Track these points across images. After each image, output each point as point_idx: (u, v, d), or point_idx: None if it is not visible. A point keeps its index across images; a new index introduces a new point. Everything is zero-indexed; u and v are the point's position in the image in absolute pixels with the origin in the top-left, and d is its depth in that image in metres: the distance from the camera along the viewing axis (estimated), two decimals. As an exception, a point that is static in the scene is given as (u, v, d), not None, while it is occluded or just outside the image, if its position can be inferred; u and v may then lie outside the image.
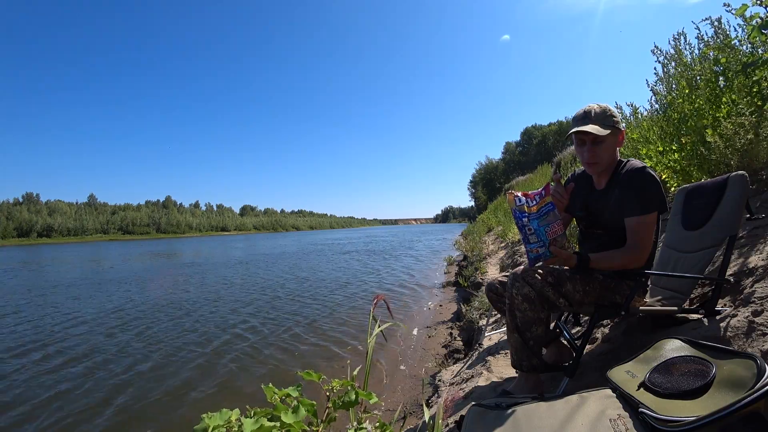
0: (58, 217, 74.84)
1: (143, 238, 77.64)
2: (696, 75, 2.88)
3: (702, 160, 2.62)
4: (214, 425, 0.70)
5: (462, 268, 8.23)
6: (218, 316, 6.22)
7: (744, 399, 0.77)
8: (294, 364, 3.96)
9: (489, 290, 1.78)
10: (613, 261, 1.43)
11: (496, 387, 1.84)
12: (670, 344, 1.14)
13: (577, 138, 1.53)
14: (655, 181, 1.42)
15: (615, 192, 1.51)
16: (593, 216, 1.62)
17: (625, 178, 1.47)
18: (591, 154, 1.49)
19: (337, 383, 0.95)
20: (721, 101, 2.53)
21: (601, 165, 1.52)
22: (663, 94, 3.40)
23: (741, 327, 1.29)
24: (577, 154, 1.59)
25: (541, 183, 11.88)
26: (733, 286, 1.65)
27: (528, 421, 0.99)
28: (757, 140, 2.28)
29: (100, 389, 3.50)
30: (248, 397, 3.21)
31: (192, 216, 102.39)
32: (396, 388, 3.23)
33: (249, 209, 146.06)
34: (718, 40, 2.75)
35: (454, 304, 5.97)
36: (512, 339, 1.51)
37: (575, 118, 1.53)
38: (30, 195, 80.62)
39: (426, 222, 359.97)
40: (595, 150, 1.49)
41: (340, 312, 6.11)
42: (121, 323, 5.87)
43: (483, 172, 56.39)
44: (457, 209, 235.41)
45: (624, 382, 1.07)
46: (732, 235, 1.49)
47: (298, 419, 0.76)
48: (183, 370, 3.89)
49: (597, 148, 1.48)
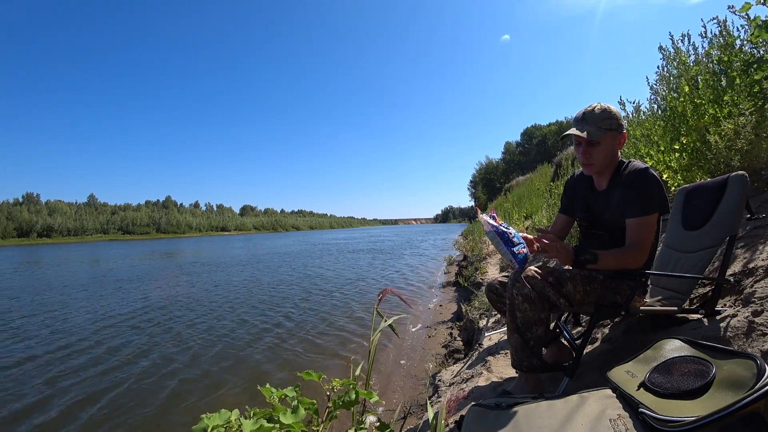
0: (58, 217, 74.81)
1: (143, 238, 77.63)
2: (696, 74, 2.88)
3: (702, 160, 2.62)
4: (213, 425, 0.70)
5: (462, 268, 8.23)
6: (257, 311, 6.44)
7: (744, 399, 0.77)
8: (302, 362, 4.02)
9: (489, 290, 1.78)
10: (612, 261, 1.43)
11: (496, 387, 1.84)
12: (670, 344, 1.14)
13: (574, 138, 1.54)
14: (657, 182, 1.42)
15: (616, 193, 1.50)
16: (594, 216, 1.61)
17: (627, 179, 1.47)
18: (585, 156, 1.51)
19: (338, 383, 0.95)
20: (723, 101, 2.53)
21: (596, 167, 1.53)
22: (663, 93, 3.40)
23: (741, 327, 1.29)
24: (576, 154, 1.59)
25: (541, 183, 11.88)
26: (733, 286, 1.65)
27: (528, 421, 0.99)
28: (758, 140, 2.28)
29: (154, 379, 3.69)
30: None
31: (192, 216, 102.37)
32: (396, 388, 3.23)
33: (249, 209, 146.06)
34: (721, 39, 2.75)
35: (454, 304, 5.97)
36: (512, 339, 1.51)
37: (575, 119, 1.53)
38: (30, 195, 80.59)
39: (426, 222, 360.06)
40: (590, 152, 1.49)
41: (353, 309, 6.26)
42: (160, 319, 6.06)
43: (483, 172, 56.41)
44: (457, 209, 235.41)
45: (624, 382, 1.07)
46: (732, 235, 1.49)
47: (297, 420, 0.76)
48: (216, 361, 4.11)
49: (592, 150, 1.49)
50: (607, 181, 1.57)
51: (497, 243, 1.49)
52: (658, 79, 3.45)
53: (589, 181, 1.67)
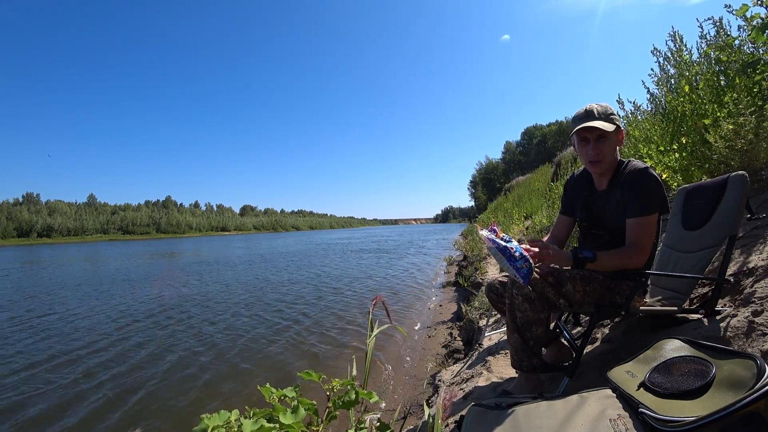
0: (58, 217, 74.74)
1: (143, 238, 77.58)
2: (696, 74, 2.87)
3: (702, 160, 2.62)
4: (213, 426, 0.70)
5: (462, 268, 8.23)
6: (272, 308, 6.55)
7: (744, 399, 0.77)
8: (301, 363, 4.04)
9: (489, 290, 1.78)
10: (612, 261, 1.42)
11: (496, 387, 1.84)
12: (670, 344, 1.14)
13: (579, 137, 1.50)
14: (658, 182, 1.42)
15: (617, 193, 1.50)
16: (594, 217, 1.61)
17: (627, 179, 1.46)
18: (596, 152, 1.47)
19: (338, 383, 0.95)
20: (722, 101, 2.53)
21: (605, 163, 1.50)
22: (662, 93, 3.39)
23: (741, 327, 1.29)
24: (579, 154, 1.57)
25: (541, 183, 11.86)
26: (733, 286, 1.64)
27: (528, 421, 0.99)
28: (758, 140, 2.28)
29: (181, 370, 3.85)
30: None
31: (192, 216, 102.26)
32: (396, 388, 3.23)
33: (249, 209, 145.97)
34: (720, 40, 2.75)
35: (454, 304, 5.97)
36: (512, 339, 1.51)
37: (577, 118, 1.51)
38: (30, 195, 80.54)
39: (426, 222, 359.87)
40: (599, 147, 1.47)
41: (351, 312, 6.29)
42: (179, 317, 6.18)
43: (483, 173, 56.45)
44: (457, 209, 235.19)
45: (624, 382, 1.07)
46: (732, 235, 1.49)
47: (297, 420, 0.75)
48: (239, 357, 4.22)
49: (602, 145, 1.47)
50: (607, 180, 1.56)
51: (500, 259, 1.42)
52: (658, 80, 3.45)
53: (588, 181, 1.66)
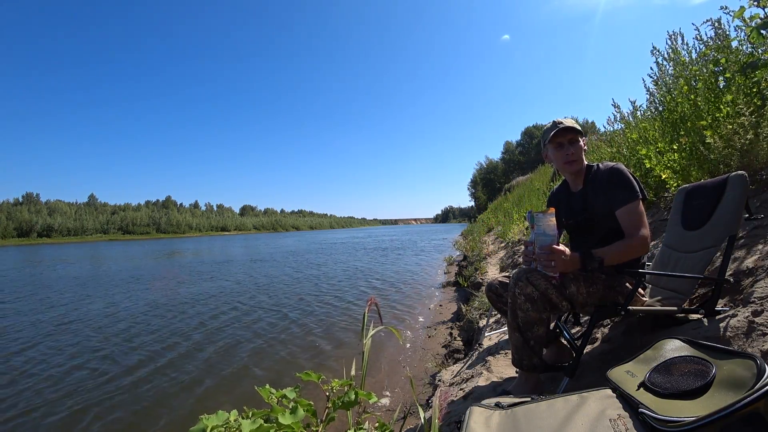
0: (58, 217, 74.73)
1: (143, 238, 77.57)
2: (695, 75, 2.87)
3: (702, 160, 2.62)
4: (212, 426, 0.70)
5: (462, 268, 8.23)
6: (292, 303, 6.71)
7: (744, 399, 0.77)
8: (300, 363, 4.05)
9: (489, 290, 1.79)
10: (617, 254, 1.43)
11: (496, 387, 1.84)
12: (670, 344, 1.14)
13: (555, 144, 1.64)
14: (630, 173, 1.55)
15: (594, 188, 1.61)
16: (578, 216, 1.66)
17: (604, 176, 1.57)
18: (572, 151, 1.62)
19: (337, 383, 0.94)
20: (721, 101, 2.53)
21: (579, 162, 1.64)
22: (661, 93, 3.39)
23: (741, 327, 1.29)
24: (554, 160, 1.69)
25: (540, 183, 11.87)
26: (733, 286, 1.65)
27: (528, 421, 0.99)
28: (757, 140, 2.28)
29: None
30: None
31: (192, 216, 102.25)
32: (396, 388, 3.23)
33: (249, 209, 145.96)
34: (718, 41, 2.75)
35: (454, 304, 5.96)
36: (513, 338, 1.52)
37: (548, 130, 1.66)
38: (30, 195, 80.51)
39: (426, 222, 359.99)
40: (574, 148, 1.62)
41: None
42: (204, 309, 6.40)
43: (483, 173, 56.45)
44: (457, 209, 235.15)
45: (624, 382, 1.07)
46: (732, 235, 1.49)
47: (296, 420, 0.75)
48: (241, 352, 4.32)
49: (575, 149, 1.62)
50: (581, 181, 1.67)
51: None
52: (657, 80, 3.45)
53: (565, 188, 1.79)
